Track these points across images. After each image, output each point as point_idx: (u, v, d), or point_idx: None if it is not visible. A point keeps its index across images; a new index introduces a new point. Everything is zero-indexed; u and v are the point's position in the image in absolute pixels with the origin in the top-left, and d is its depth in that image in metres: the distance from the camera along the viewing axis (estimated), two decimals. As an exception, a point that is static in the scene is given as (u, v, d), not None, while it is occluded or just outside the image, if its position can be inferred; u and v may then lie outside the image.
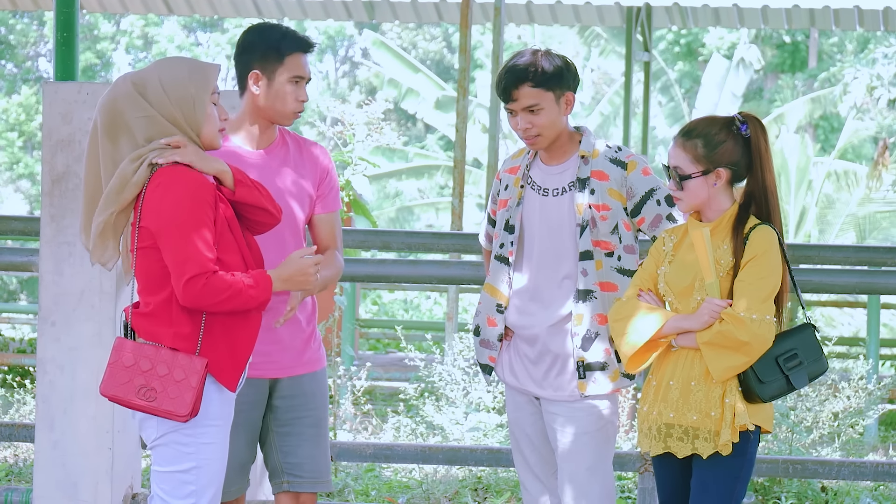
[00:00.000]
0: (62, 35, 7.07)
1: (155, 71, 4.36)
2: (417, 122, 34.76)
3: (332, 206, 5.06)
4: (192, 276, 4.20)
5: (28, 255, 6.77)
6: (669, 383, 4.64)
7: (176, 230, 4.23)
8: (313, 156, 5.00)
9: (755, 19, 16.27)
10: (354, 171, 8.74)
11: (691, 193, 4.64)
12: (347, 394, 9.46)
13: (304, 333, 4.95)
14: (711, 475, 4.60)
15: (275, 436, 4.94)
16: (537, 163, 5.04)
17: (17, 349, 13.97)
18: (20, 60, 35.66)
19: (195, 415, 4.26)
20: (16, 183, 34.84)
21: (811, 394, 9.07)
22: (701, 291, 4.61)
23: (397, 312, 22.59)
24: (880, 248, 7.33)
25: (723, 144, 4.63)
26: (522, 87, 4.87)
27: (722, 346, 4.54)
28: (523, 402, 5.07)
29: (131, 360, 4.28)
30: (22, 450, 9.16)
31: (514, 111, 4.90)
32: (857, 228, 22.72)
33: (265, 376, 4.87)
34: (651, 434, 4.68)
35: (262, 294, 4.30)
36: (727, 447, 4.57)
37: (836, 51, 32.57)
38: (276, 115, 4.89)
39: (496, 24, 12.00)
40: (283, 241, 4.85)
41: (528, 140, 4.93)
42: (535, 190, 5.01)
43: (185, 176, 4.27)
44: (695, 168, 4.63)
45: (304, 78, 4.88)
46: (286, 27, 4.91)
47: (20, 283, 26.08)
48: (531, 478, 5.09)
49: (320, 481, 4.97)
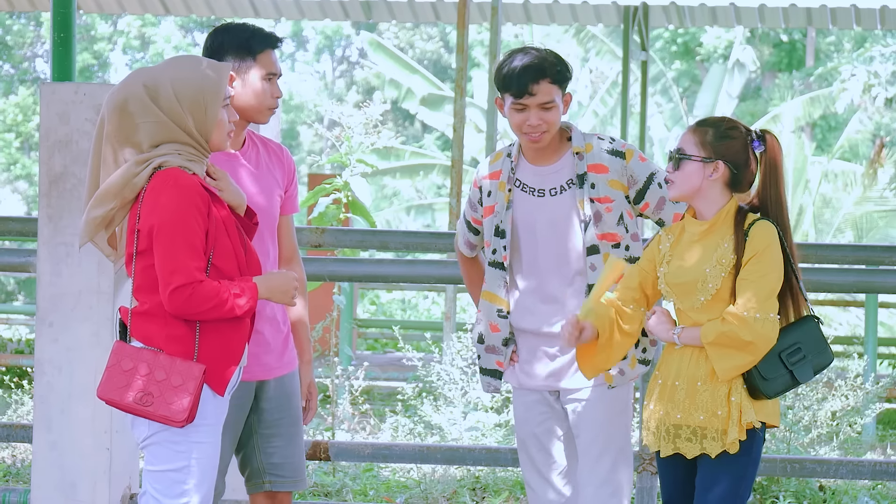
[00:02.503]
0: (59, 35, 7.06)
1: (167, 73, 4.33)
2: (415, 122, 34.76)
3: (295, 207, 5.09)
4: (178, 287, 4.22)
5: (25, 255, 6.77)
6: (675, 383, 4.64)
7: (164, 237, 4.23)
8: (280, 156, 5.02)
9: (752, 18, 16.27)
10: (353, 171, 8.75)
11: (685, 176, 4.64)
12: (345, 394, 9.46)
13: (282, 334, 4.97)
14: (717, 474, 4.59)
15: (258, 437, 4.94)
16: (524, 165, 5.00)
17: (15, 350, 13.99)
18: (17, 61, 35.65)
19: (192, 420, 4.27)
20: (13, 184, 34.84)
21: (809, 393, 9.07)
22: (704, 291, 4.61)
23: (395, 312, 22.60)
24: (878, 247, 7.35)
25: (731, 140, 4.64)
26: (542, 82, 4.84)
27: (727, 346, 4.54)
28: (533, 402, 5.06)
29: (129, 364, 4.28)
30: (20, 450, 9.16)
31: (527, 107, 4.85)
32: (854, 228, 22.73)
33: (252, 378, 4.87)
34: (659, 434, 4.68)
35: (248, 303, 4.31)
36: (734, 445, 4.56)
37: (834, 50, 32.57)
38: (254, 113, 4.87)
39: (493, 24, 12.00)
40: (263, 242, 4.86)
41: (533, 137, 4.88)
42: (526, 192, 4.98)
43: (178, 182, 4.27)
44: (697, 152, 4.63)
45: (277, 74, 4.88)
46: (253, 25, 4.89)
47: (18, 284, 26.08)
48: (537, 478, 5.08)
49: (299, 480, 5.01)
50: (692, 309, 4.64)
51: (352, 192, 8.71)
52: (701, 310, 4.62)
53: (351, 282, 10.10)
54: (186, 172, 4.30)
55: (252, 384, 4.88)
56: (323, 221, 8.62)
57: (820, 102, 26.39)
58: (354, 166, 8.74)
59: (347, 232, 6.97)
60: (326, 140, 34.74)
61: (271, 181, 4.94)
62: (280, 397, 4.94)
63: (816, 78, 30.42)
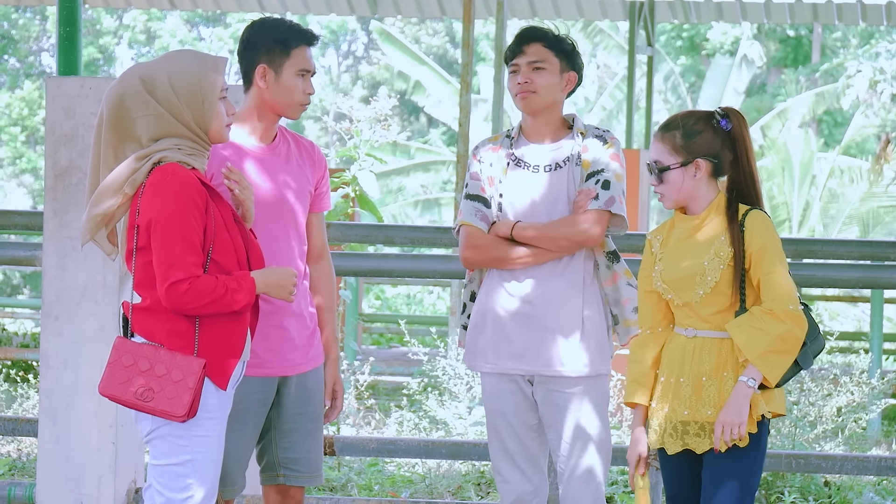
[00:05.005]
0: (65, 30, 7.06)
1: (164, 67, 4.34)
2: (421, 116, 34.74)
3: (327, 204, 5.09)
4: (175, 282, 4.22)
5: (31, 249, 6.77)
6: (680, 380, 4.63)
7: (161, 232, 4.24)
8: (311, 153, 5.03)
9: (758, 14, 16.26)
10: (361, 166, 8.75)
11: (672, 186, 4.64)
12: (351, 388, 9.46)
13: (309, 330, 4.96)
14: (728, 468, 4.59)
15: (276, 432, 4.94)
16: (523, 143, 5.09)
17: (21, 344, 13.98)
18: (23, 55, 35.67)
19: (193, 415, 4.27)
20: (19, 178, 34.86)
21: (814, 388, 9.06)
22: (703, 285, 4.60)
23: (400, 307, 22.61)
24: (884, 243, 7.32)
25: (700, 135, 4.62)
26: (534, 44, 5.03)
27: (782, 351, 4.52)
28: (507, 390, 5.05)
29: (130, 359, 4.29)
30: (25, 444, 9.16)
31: (518, 67, 5.02)
32: (860, 223, 22.72)
33: (276, 374, 4.88)
34: (664, 432, 4.66)
35: (245, 297, 4.31)
36: (745, 439, 4.56)
37: (840, 45, 32.54)
38: (285, 108, 4.90)
39: (499, 19, 11.99)
40: (275, 237, 4.86)
41: (521, 95, 5.01)
42: (522, 167, 5.05)
43: (176, 177, 4.27)
44: (673, 159, 4.62)
45: (310, 71, 4.90)
46: (290, 21, 4.93)
47: (23, 278, 26.11)
48: (510, 467, 5.07)
49: (314, 475, 5.00)
50: (691, 303, 4.63)
51: (360, 187, 8.71)
52: (700, 304, 4.61)
53: (356, 276, 10.10)
54: (185, 168, 4.30)
55: (275, 380, 4.88)
56: (331, 216, 8.62)
57: (826, 98, 26.38)
58: (364, 160, 8.73)
59: (353, 226, 6.98)
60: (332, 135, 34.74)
61: (301, 177, 4.94)
62: (301, 393, 4.93)
63: (822, 73, 30.41)
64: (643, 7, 16.24)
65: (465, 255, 5.08)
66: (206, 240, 4.29)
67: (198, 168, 4.35)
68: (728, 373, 4.58)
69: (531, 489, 5.07)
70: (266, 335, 4.79)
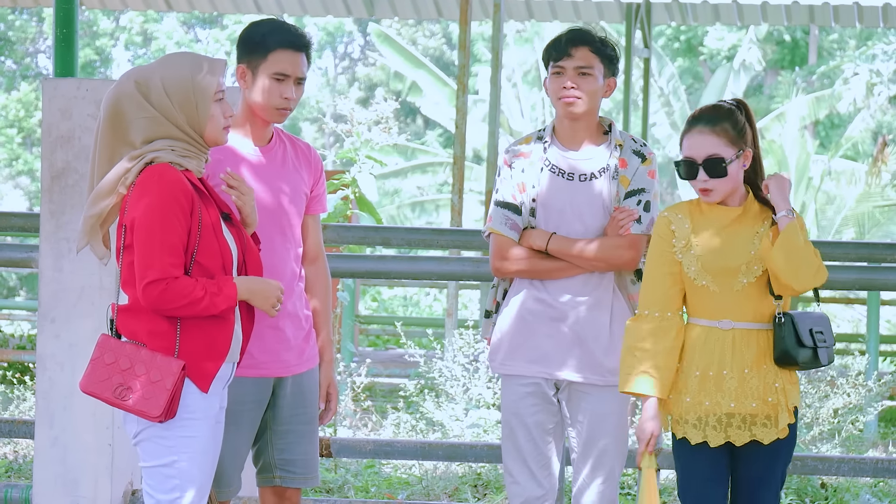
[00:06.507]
0: (61, 31, 7.06)
1: (158, 70, 4.34)
2: (417, 117, 34.74)
3: (323, 207, 5.06)
4: (151, 281, 4.22)
5: (27, 251, 6.77)
6: (723, 373, 4.63)
7: (142, 232, 4.24)
8: (308, 155, 5.00)
9: (755, 16, 16.26)
10: (361, 168, 8.74)
11: (731, 179, 4.65)
12: (347, 390, 9.45)
13: (304, 331, 4.96)
14: (773, 461, 4.66)
15: (272, 434, 4.94)
16: (557, 149, 5.06)
17: (17, 345, 13.97)
18: (19, 56, 35.66)
19: (171, 416, 4.26)
20: (15, 179, 34.85)
21: (811, 390, 9.07)
22: (748, 274, 4.62)
23: (397, 309, 22.61)
24: (880, 245, 7.32)
25: (745, 126, 4.67)
26: (582, 48, 4.97)
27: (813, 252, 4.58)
28: (527, 392, 5.05)
29: (112, 357, 4.29)
30: (22, 446, 9.16)
31: (564, 70, 4.97)
32: (856, 225, 22.73)
33: (271, 375, 4.87)
34: (704, 425, 4.65)
35: (225, 302, 4.29)
36: (785, 431, 4.63)
37: (837, 47, 32.55)
38: (261, 111, 4.83)
39: (496, 21, 11.98)
40: (271, 239, 4.84)
41: (566, 100, 4.96)
42: (556, 174, 5.02)
43: (163, 177, 4.27)
44: (732, 151, 4.63)
45: (290, 76, 4.79)
46: (281, 22, 4.84)
47: (20, 280, 26.10)
48: (521, 468, 5.07)
49: (310, 477, 4.99)
50: (731, 292, 4.63)
51: (359, 189, 8.71)
52: (741, 292, 4.63)
53: (353, 278, 10.10)
54: (175, 168, 4.30)
55: (270, 381, 4.88)
56: (331, 218, 8.62)
57: (823, 101, 26.38)
58: (363, 162, 8.73)
59: (350, 228, 6.97)
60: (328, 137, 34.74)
61: (297, 180, 4.92)
62: (297, 395, 4.93)
63: (819, 76, 30.42)
64: (640, 9, 16.24)
65: (496, 265, 5.09)
66: (191, 241, 4.29)
67: (192, 169, 4.35)
68: (767, 365, 4.63)
69: (541, 493, 5.06)
70: (261, 336, 4.78)
